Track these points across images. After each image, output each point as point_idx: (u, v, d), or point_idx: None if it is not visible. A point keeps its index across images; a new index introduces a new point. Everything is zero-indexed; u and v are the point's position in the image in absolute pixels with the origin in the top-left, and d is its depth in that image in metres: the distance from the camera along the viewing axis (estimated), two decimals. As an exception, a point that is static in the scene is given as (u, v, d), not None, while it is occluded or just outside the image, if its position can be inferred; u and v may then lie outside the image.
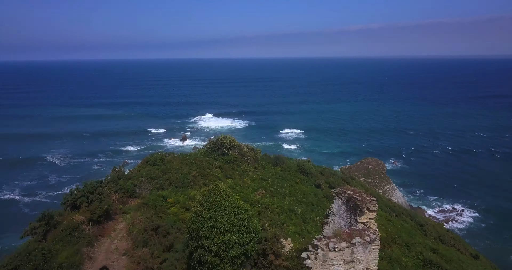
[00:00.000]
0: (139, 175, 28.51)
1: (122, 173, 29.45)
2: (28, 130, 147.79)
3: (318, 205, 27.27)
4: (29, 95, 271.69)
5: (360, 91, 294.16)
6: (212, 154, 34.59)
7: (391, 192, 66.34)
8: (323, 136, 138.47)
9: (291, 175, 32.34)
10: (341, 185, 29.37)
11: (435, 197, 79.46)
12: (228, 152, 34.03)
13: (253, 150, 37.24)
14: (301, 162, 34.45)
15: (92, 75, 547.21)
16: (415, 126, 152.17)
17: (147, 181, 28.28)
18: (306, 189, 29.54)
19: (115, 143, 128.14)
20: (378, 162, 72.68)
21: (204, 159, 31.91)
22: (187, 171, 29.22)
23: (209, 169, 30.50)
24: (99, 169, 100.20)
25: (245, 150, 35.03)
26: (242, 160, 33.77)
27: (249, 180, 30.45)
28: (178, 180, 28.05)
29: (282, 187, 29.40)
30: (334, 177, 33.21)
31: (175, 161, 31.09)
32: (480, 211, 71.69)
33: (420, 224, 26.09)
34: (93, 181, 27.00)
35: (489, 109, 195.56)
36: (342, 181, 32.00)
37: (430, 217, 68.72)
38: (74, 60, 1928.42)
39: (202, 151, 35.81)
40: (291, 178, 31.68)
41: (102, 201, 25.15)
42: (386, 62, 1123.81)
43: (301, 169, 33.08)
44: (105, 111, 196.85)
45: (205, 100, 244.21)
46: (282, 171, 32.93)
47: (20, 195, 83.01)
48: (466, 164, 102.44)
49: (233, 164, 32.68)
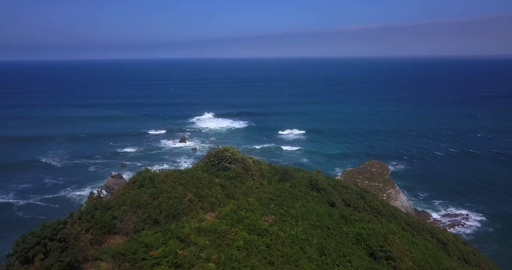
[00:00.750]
0: (121, 202, 23.30)
1: (100, 201, 23.43)
2: (25, 131, 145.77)
3: (334, 229, 23.75)
4: (26, 95, 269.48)
5: (360, 91, 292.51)
6: (211, 169, 30.70)
7: (396, 195, 64.55)
8: (323, 137, 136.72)
9: (301, 192, 28.49)
10: (357, 201, 26.73)
11: (440, 200, 77.68)
12: (230, 166, 30.20)
13: (259, 163, 33.64)
14: (312, 176, 30.51)
15: (89, 75, 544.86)
16: (416, 127, 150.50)
17: (132, 211, 22.63)
18: (320, 209, 25.97)
19: (112, 144, 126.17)
20: (381, 165, 70.89)
21: (202, 176, 27.59)
22: (181, 193, 24.33)
23: (208, 188, 26.05)
24: (96, 172, 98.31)
25: (249, 164, 31.31)
26: (246, 176, 30.17)
27: (255, 200, 26.74)
28: (170, 207, 23.11)
29: (293, 207, 25.76)
30: (348, 192, 29.06)
31: (168, 180, 25.99)
32: (486, 215, 69.91)
33: (442, 243, 24.01)
34: (53, 222, 20.17)
35: (489, 109, 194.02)
36: (358, 196, 28.26)
37: (436, 221, 67.03)
38: (73, 60, 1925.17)
39: (200, 166, 31.60)
40: (302, 196, 27.88)
41: (64, 251, 18.43)
42: (386, 62, 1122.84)
43: (313, 184, 29.34)
44: (103, 111, 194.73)
45: (204, 100, 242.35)
46: (291, 187, 29.01)
47: (14, 198, 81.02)
48: (469, 166, 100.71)
49: (236, 181, 28.92)
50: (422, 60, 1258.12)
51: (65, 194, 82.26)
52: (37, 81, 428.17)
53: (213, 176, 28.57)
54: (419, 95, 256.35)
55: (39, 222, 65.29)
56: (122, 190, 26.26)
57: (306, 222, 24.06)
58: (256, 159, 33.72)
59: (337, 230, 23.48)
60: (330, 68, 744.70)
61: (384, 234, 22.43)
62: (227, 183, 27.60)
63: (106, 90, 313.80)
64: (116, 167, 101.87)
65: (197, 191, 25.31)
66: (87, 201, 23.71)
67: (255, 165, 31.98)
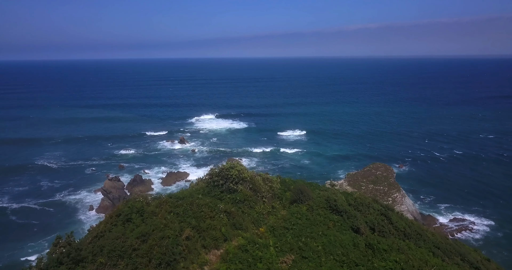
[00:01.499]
0: (97, 250, 17.84)
1: (68, 250, 17.61)
2: (21, 132, 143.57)
3: (363, 265, 19.88)
4: (22, 96, 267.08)
5: (359, 91, 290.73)
6: (214, 191, 26.11)
7: (401, 199, 62.65)
8: (324, 138, 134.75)
9: (320, 216, 24.92)
10: (383, 224, 23.31)
11: (445, 204, 75.75)
12: (236, 187, 26.02)
13: (269, 180, 28.85)
14: (330, 195, 26.19)
15: (88, 76, 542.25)
16: (417, 128, 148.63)
17: (111, 264, 17.38)
18: (344, 237, 22.14)
19: (110, 146, 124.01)
20: (386, 168, 68.95)
21: (204, 202, 23.16)
22: (177, 229, 20.20)
23: (211, 218, 22.20)
24: (93, 174, 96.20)
25: (259, 183, 26.92)
26: (255, 198, 25.78)
27: (268, 230, 23.06)
28: (164, 251, 18.48)
29: (313, 238, 22.10)
30: (370, 212, 25.22)
31: (161, 210, 21.79)
32: (494, 219, 67.96)
33: (475, 267, 21.72)
34: None
35: (490, 109, 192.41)
36: (382, 216, 24.37)
37: (442, 226, 65.17)
38: (71, 60, 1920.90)
39: (201, 187, 26.99)
40: (322, 221, 24.27)
41: None
42: (385, 61, 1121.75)
43: (332, 206, 25.60)
44: (101, 112, 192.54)
45: (204, 100, 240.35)
46: (308, 210, 25.34)
47: (8, 201, 78.80)
48: (473, 168, 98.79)
49: (244, 205, 24.61)
50: (422, 60, 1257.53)
51: (60, 198, 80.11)
52: (34, 81, 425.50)
53: (216, 201, 24.55)
54: (419, 95, 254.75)
55: (33, 227, 62.45)
56: (101, 226, 20.83)
57: (331, 257, 20.53)
58: (266, 176, 29.48)
59: (367, 266, 19.93)
60: (329, 68, 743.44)
61: (419, 267, 19.55)
62: (234, 210, 23.67)
63: (104, 90, 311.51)
64: (114, 169, 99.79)
65: (197, 224, 21.33)
66: (49, 250, 18.43)
67: (266, 184, 28.03)
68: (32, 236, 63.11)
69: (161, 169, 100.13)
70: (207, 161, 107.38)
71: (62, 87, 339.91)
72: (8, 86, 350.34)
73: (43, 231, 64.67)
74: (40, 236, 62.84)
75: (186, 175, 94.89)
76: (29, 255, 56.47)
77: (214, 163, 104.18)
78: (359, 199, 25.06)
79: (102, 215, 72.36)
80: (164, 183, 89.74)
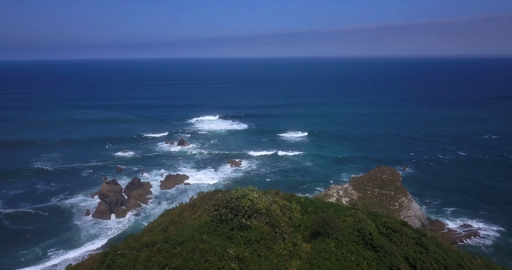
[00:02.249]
0: None
1: None
2: (17, 134, 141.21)
3: None
4: (19, 97, 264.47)
5: (359, 92, 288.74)
6: (222, 228, 20.73)
7: (408, 204, 60.60)
8: (326, 139, 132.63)
9: (352, 253, 20.12)
10: (422, 258, 18.84)
11: (452, 208, 73.67)
12: (250, 222, 20.63)
13: (288, 209, 23.33)
14: (364, 226, 21.48)
15: (87, 76, 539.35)
16: (420, 129, 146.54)
17: None
18: None
19: (108, 148, 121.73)
20: (392, 171, 66.85)
21: (209, 247, 18.19)
22: None
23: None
24: (90, 176, 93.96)
25: (277, 215, 21.48)
26: (273, 235, 20.47)
27: None
28: None
29: None
30: (404, 241, 20.84)
31: (153, 266, 16.92)
32: (503, 224, 65.86)
33: None
34: None
35: (492, 110, 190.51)
36: (419, 247, 19.91)
37: (451, 231, 63.09)
38: (69, 60, 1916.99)
39: (205, 222, 21.67)
40: (355, 261, 19.53)
41: None
42: (384, 61, 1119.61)
43: (365, 239, 20.77)
44: (99, 113, 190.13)
45: (203, 101, 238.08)
46: (337, 247, 20.60)
47: (3, 206, 76.42)
48: (478, 171, 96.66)
49: (260, 245, 19.29)
50: (421, 60, 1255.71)
51: (56, 202, 77.79)
52: (30, 81, 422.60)
53: (225, 242, 19.40)
54: (420, 96, 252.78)
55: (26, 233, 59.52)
56: None
57: None
58: (284, 204, 23.92)
59: None
60: (328, 68, 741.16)
61: None
62: (247, 254, 18.58)
63: (102, 91, 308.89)
64: (112, 172, 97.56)
65: None
66: None
67: (285, 215, 22.62)
68: (25, 243, 60.84)
69: (160, 171, 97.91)
70: (207, 163, 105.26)
71: (60, 88, 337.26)
72: (4, 87, 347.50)
73: (36, 238, 62.41)
74: (34, 243, 60.55)
75: (186, 177, 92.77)
76: (20, 265, 54.16)
77: (214, 165, 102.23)
78: (388, 224, 21.59)
79: (99, 220, 70.14)
80: (163, 186, 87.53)
